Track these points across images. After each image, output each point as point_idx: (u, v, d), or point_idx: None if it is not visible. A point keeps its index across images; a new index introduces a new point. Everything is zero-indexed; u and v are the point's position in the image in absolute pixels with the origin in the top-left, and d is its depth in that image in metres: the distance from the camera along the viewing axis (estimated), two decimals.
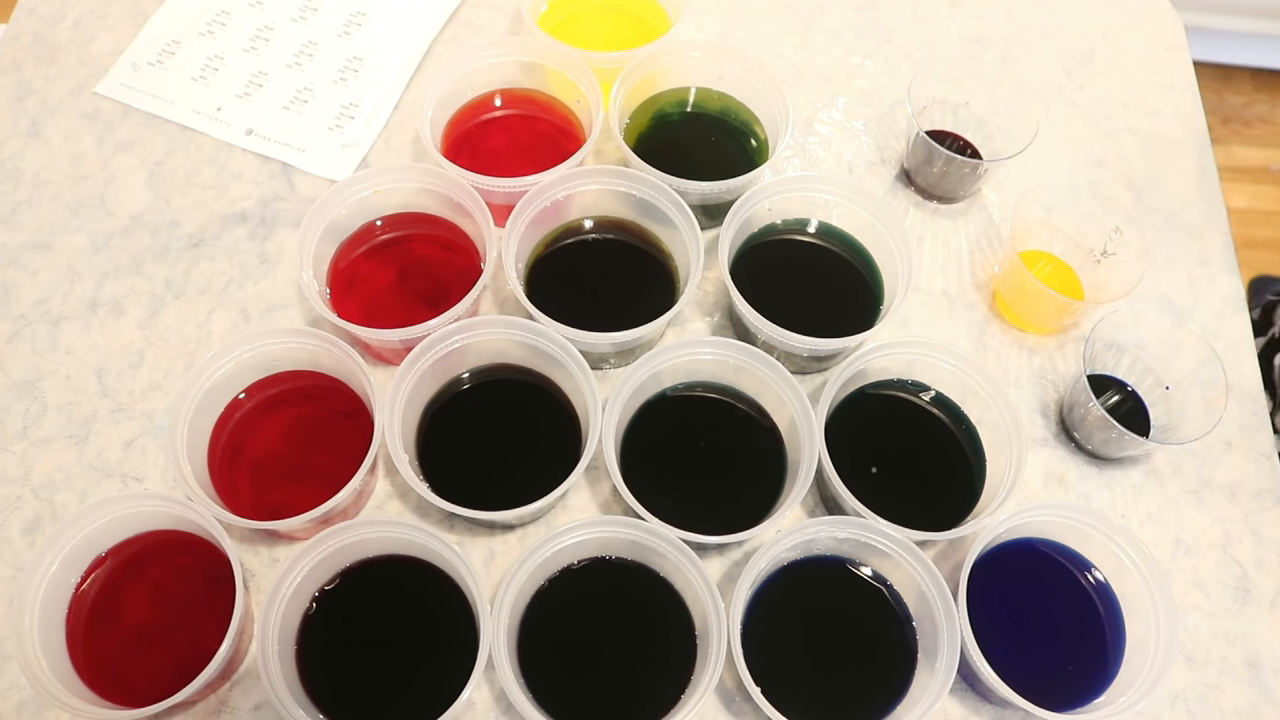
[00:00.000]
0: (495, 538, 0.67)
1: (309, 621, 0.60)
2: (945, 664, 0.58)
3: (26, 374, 0.70)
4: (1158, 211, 0.83)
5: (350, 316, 0.67)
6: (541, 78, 0.80)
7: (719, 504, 0.66)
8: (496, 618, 0.57)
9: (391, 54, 0.86)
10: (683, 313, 0.74)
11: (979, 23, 0.92)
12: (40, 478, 0.67)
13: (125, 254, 0.75)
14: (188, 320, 0.73)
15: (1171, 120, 0.88)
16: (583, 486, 0.69)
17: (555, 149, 0.79)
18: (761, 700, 0.56)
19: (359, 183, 0.71)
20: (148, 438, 0.69)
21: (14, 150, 0.79)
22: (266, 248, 0.76)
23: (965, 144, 0.81)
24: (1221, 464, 0.72)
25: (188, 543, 0.61)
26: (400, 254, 0.74)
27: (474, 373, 0.70)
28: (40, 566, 0.57)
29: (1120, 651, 0.63)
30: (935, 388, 0.70)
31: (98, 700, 0.56)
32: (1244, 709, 0.64)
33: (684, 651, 0.61)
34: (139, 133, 0.81)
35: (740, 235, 0.73)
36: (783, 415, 0.68)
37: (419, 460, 0.66)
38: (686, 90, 0.81)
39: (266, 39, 0.86)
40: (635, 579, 0.63)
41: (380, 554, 0.62)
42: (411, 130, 0.82)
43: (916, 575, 0.61)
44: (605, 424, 0.63)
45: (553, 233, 0.75)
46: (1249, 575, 0.68)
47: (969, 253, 0.80)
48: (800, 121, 0.85)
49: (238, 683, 0.61)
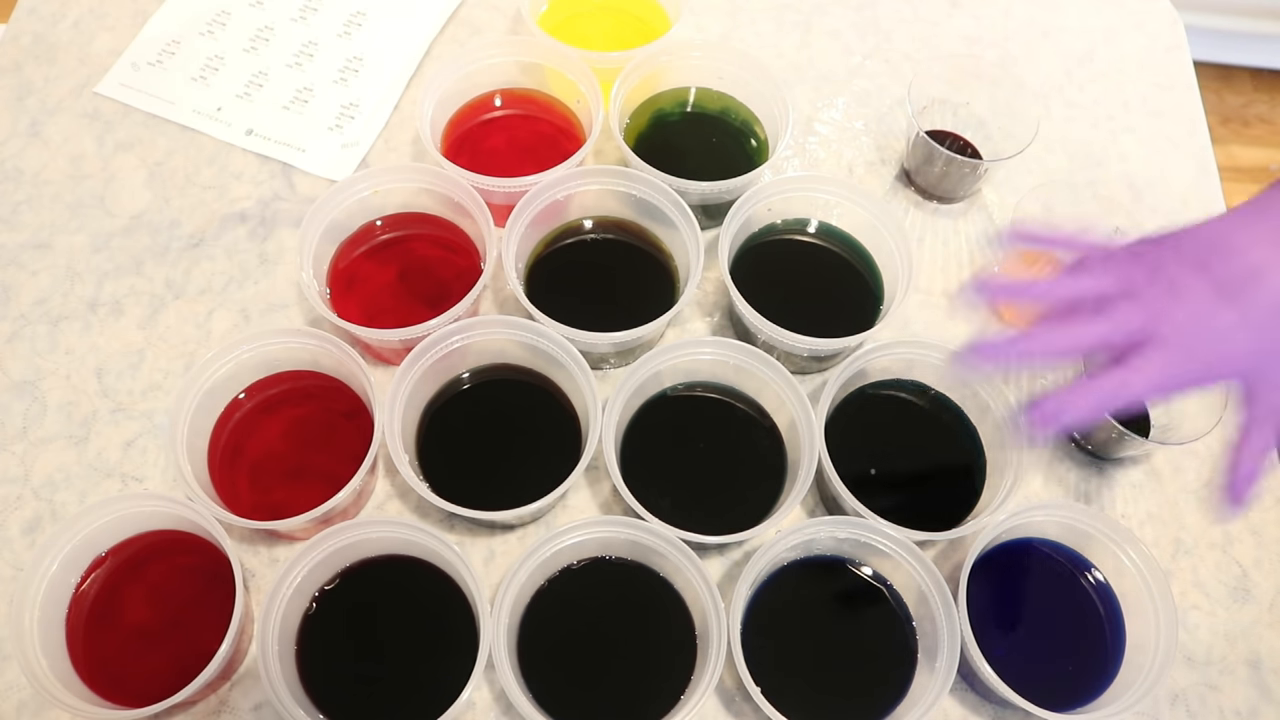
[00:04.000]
0: (495, 538, 0.67)
1: (309, 621, 0.60)
2: (945, 664, 0.58)
3: (26, 374, 0.70)
4: (1158, 211, 0.83)
5: (350, 316, 0.67)
6: (541, 78, 0.80)
7: (719, 504, 0.66)
8: (496, 618, 0.57)
9: (391, 54, 0.86)
10: (683, 313, 0.74)
11: (979, 23, 0.92)
12: (40, 478, 0.67)
13: (125, 254, 0.75)
14: (188, 320, 0.73)
15: (1171, 120, 0.88)
16: (583, 486, 0.69)
17: (555, 149, 0.79)
18: (761, 700, 0.56)
19: (359, 183, 0.71)
20: (148, 438, 0.69)
21: (14, 150, 0.79)
22: (266, 248, 0.76)
23: (965, 144, 0.81)
24: (1221, 464, 0.72)
25: (188, 543, 0.61)
26: (400, 254, 0.74)
27: (474, 373, 0.70)
28: (40, 566, 0.57)
29: (1120, 651, 0.63)
30: (935, 388, 0.70)
31: (98, 700, 0.56)
32: (1244, 709, 0.64)
33: (684, 651, 0.61)
34: (139, 133, 0.81)
35: (740, 235, 0.73)
36: (783, 415, 0.68)
37: (419, 460, 0.66)
38: (686, 90, 0.81)
39: (266, 39, 0.86)
40: (635, 579, 0.63)
41: (380, 554, 0.62)
42: (411, 130, 0.82)
43: (916, 575, 0.61)
44: (605, 424, 0.63)
45: (553, 233, 0.75)
46: (1249, 575, 0.68)
47: (969, 253, 0.80)
48: (800, 121, 0.85)
49: (238, 683, 0.61)
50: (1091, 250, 0.53)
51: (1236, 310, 0.48)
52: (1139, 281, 0.50)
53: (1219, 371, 0.50)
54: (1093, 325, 0.49)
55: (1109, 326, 0.49)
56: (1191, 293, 0.49)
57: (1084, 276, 0.51)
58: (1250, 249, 0.49)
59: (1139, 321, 0.49)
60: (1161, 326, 0.49)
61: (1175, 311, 0.49)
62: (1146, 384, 0.49)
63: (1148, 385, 0.49)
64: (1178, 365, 0.49)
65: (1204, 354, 0.49)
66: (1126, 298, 0.50)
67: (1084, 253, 0.53)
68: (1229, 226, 0.51)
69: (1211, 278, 0.49)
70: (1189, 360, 0.49)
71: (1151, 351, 0.48)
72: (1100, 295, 0.50)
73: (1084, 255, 0.53)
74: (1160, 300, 0.49)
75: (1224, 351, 0.49)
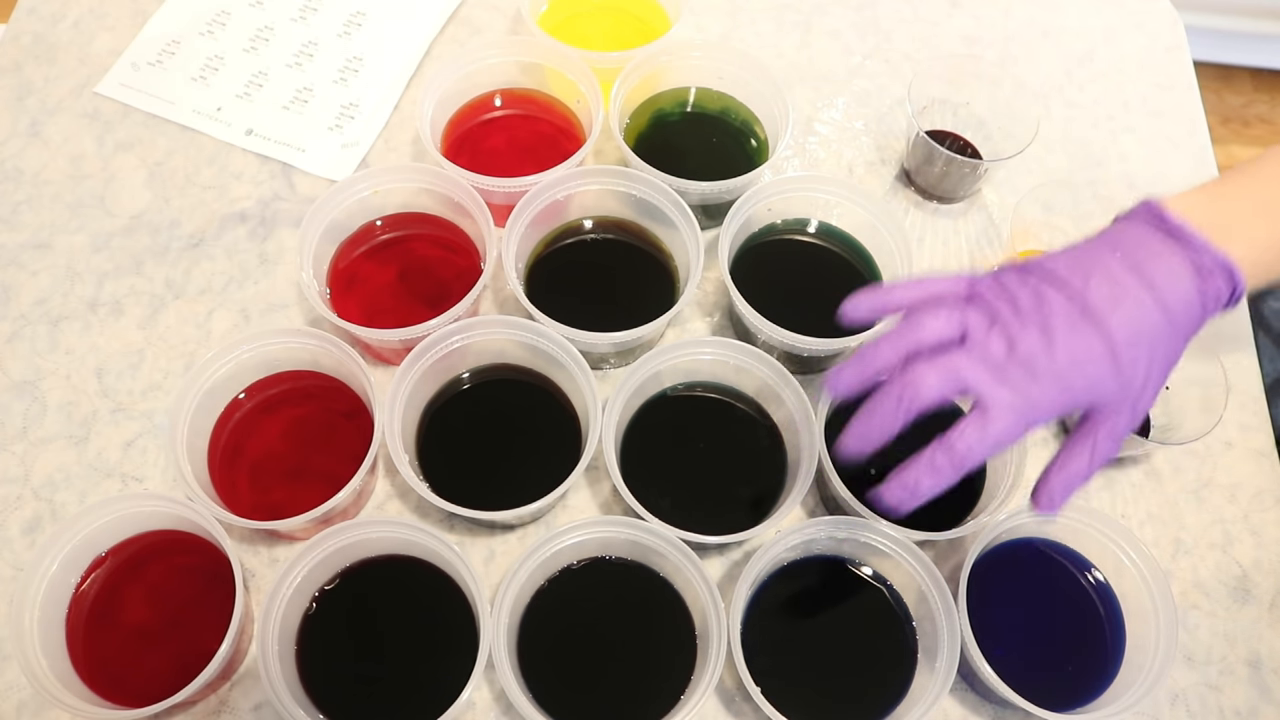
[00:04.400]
0: (495, 538, 0.67)
1: (309, 621, 0.60)
2: (945, 664, 0.58)
3: (26, 374, 0.70)
4: None
5: (350, 316, 0.67)
6: (541, 78, 0.80)
7: (719, 504, 0.66)
8: (496, 618, 0.57)
9: (391, 54, 0.86)
10: (683, 313, 0.74)
11: (979, 23, 0.92)
12: (40, 478, 0.67)
13: (125, 254, 0.75)
14: (188, 320, 0.73)
15: (1171, 120, 0.88)
16: (583, 486, 0.69)
17: (555, 149, 0.79)
18: (761, 700, 0.56)
19: (359, 183, 0.71)
20: (148, 438, 0.69)
21: (14, 150, 0.79)
22: (266, 248, 0.76)
23: (965, 144, 0.81)
24: (1221, 464, 0.72)
25: (188, 543, 0.61)
26: (400, 254, 0.74)
27: (474, 373, 0.70)
28: (40, 566, 0.57)
29: (1120, 651, 0.63)
30: None
31: (98, 700, 0.56)
32: (1244, 709, 0.64)
33: (684, 651, 0.61)
34: (139, 133, 0.81)
35: (740, 235, 0.73)
36: (783, 415, 0.68)
37: (419, 460, 0.66)
38: (686, 90, 0.81)
39: (266, 39, 0.86)
40: (635, 579, 0.63)
41: (380, 554, 0.62)
42: (411, 130, 0.82)
43: (916, 575, 0.61)
44: (605, 424, 0.63)
45: (553, 233, 0.75)
46: (1249, 575, 0.68)
47: (969, 253, 0.80)
48: (800, 121, 0.85)
49: (238, 683, 0.61)
50: (937, 292, 0.51)
51: (1096, 337, 0.47)
52: (987, 314, 0.49)
53: (1077, 402, 0.49)
54: (926, 382, 0.48)
55: (941, 378, 0.48)
56: (1044, 322, 0.48)
57: (917, 326, 0.50)
58: (1108, 277, 0.48)
59: (977, 369, 0.48)
60: (1008, 367, 0.47)
61: (1022, 344, 0.47)
62: (999, 438, 0.47)
63: (1000, 438, 0.47)
64: (1029, 410, 0.47)
65: (1063, 387, 0.47)
66: (971, 337, 0.48)
67: (930, 296, 0.51)
68: (1088, 253, 0.50)
69: (1069, 305, 0.48)
70: (1045, 397, 0.47)
71: (1001, 399, 0.47)
72: (939, 341, 0.49)
73: (928, 299, 0.51)
74: (1010, 330, 0.48)
75: (1081, 381, 0.48)
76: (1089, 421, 0.50)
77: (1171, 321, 0.48)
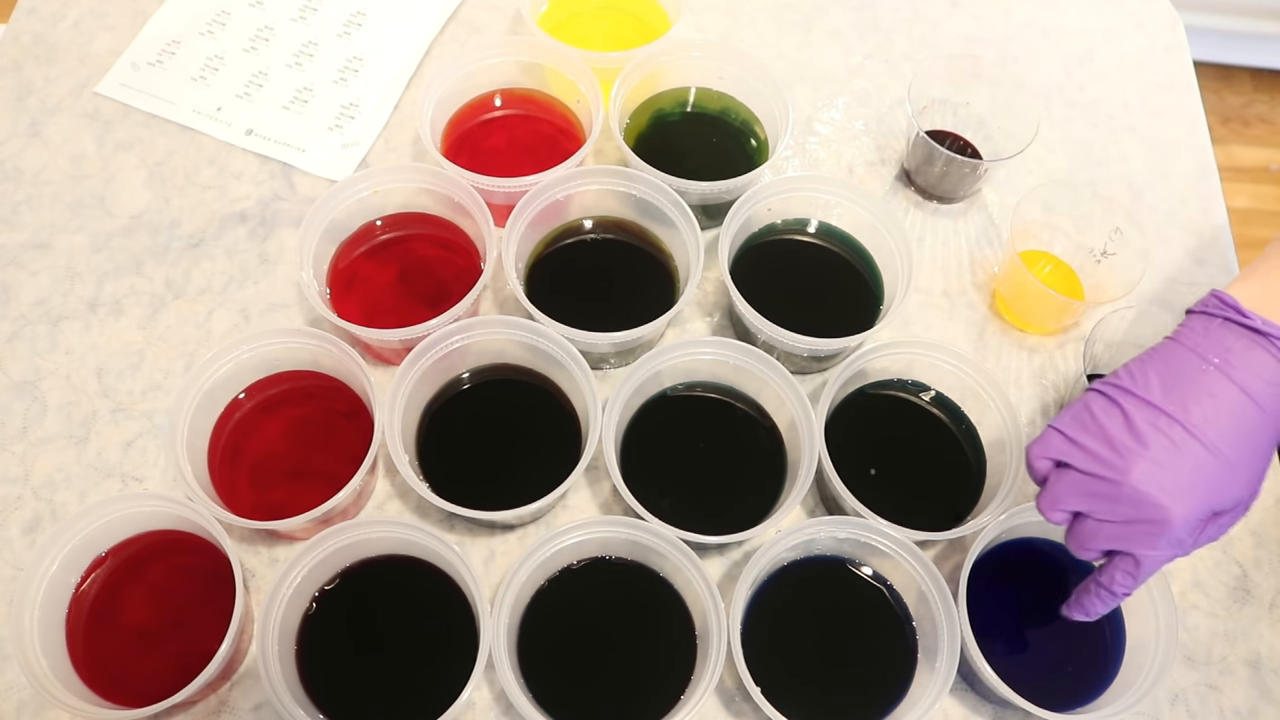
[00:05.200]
0: (495, 538, 0.67)
1: (309, 621, 0.60)
2: (945, 664, 0.58)
3: (26, 374, 0.70)
4: (1158, 211, 0.83)
5: (350, 316, 0.67)
6: (541, 78, 0.80)
7: (719, 504, 0.66)
8: (496, 618, 0.57)
9: (391, 54, 0.86)
10: (683, 313, 0.74)
11: (979, 23, 0.92)
12: (40, 478, 0.67)
13: (125, 254, 0.75)
14: (188, 320, 0.73)
15: (1171, 120, 0.88)
16: (583, 486, 0.69)
17: (555, 149, 0.79)
18: (761, 700, 0.56)
19: (359, 183, 0.71)
20: (148, 438, 0.69)
21: (14, 150, 0.79)
22: (266, 248, 0.76)
23: (965, 144, 0.81)
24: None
25: (188, 543, 0.61)
26: (400, 254, 0.74)
27: (474, 373, 0.70)
28: (40, 566, 0.57)
29: (1120, 651, 0.63)
30: (935, 388, 0.70)
31: (98, 700, 0.56)
32: (1244, 709, 0.64)
33: (684, 651, 0.61)
34: (139, 133, 0.81)
35: (740, 235, 0.73)
36: (783, 415, 0.68)
37: (419, 460, 0.66)
38: (686, 90, 0.81)
39: (266, 39, 0.86)
40: (635, 579, 0.63)
41: (380, 554, 0.62)
42: (411, 130, 0.82)
43: (916, 575, 0.61)
44: (605, 424, 0.63)
45: (553, 233, 0.75)
46: (1249, 575, 0.68)
47: (969, 253, 0.80)
48: (800, 121, 0.85)
49: (238, 683, 0.61)
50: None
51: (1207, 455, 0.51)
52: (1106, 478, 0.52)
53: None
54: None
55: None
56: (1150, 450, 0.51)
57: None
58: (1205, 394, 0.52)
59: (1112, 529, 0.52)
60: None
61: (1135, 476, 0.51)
62: (1152, 566, 0.53)
63: (1153, 566, 0.53)
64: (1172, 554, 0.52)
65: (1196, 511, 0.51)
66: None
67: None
68: (1180, 368, 0.53)
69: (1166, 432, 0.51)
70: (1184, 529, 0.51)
71: (1153, 559, 0.53)
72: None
73: None
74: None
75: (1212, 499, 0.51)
76: (1223, 515, 0.53)
77: (1263, 410, 0.52)
